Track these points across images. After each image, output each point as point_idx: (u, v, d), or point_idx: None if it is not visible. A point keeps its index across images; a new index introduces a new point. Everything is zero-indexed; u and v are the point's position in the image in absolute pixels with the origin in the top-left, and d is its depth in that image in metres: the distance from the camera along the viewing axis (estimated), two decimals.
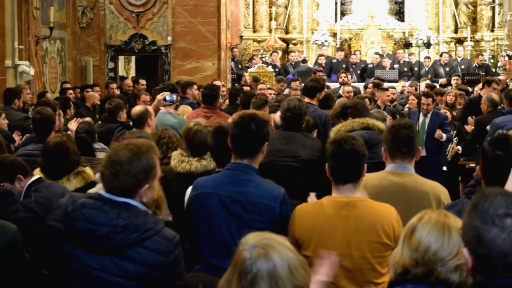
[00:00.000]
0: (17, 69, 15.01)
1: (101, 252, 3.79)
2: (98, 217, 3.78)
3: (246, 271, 2.80)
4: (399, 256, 3.34)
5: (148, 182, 3.92)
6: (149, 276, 3.81)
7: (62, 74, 19.33)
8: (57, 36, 18.77)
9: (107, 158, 3.90)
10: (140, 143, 3.98)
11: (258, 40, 26.57)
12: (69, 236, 3.82)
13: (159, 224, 3.91)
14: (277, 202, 4.95)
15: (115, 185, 3.84)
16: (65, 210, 3.87)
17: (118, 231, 3.75)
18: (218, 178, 5.18)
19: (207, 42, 19.85)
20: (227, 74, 20.81)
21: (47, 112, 7.67)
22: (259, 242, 2.86)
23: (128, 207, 3.84)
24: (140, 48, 20.38)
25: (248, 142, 5.05)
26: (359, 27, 26.91)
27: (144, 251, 3.80)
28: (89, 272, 3.80)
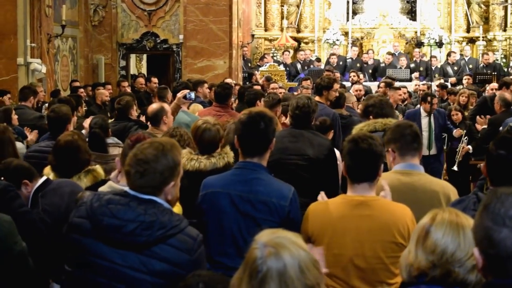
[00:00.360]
0: (29, 67, 15.05)
1: (126, 248, 3.80)
2: (125, 213, 3.80)
3: (257, 270, 2.78)
4: (413, 259, 3.31)
5: (173, 179, 3.96)
6: (173, 274, 3.82)
7: (74, 72, 19.37)
8: (69, 34, 18.81)
9: (132, 156, 3.90)
10: (164, 141, 4.01)
11: (270, 39, 26.58)
12: (95, 232, 3.83)
13: (183, 222, 3.93)
14: (286, 201, 4.95)
15: (142, 183, 3.86)
16: (90, 206, 3.89)
17: (144, 227, 3.76)
18: (227, 177, 5.19)
19: (218, 40, 19.86)
20: (238, 72, 20.81)
21: (61, 110, 7.68)
22: (271, 241, 2.84)
23: (154, 204, 3.86)
24: (151, 46, 20.40)
25: (257, 141, 5.06)
26: (371, 26, 26.88)
27: (169, 248, 3.82)
28: (114, 268, 3.81)
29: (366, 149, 4.66)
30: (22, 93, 11.34)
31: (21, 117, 9.61)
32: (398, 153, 5.44)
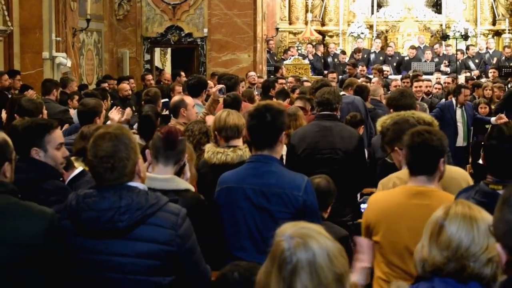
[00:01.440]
0: (54, 61, 15.13)
1: (110, 236, 3.84)
2: (100, 203, 3.83)
3: (286, 262, 2.76)
4: (427, 254, 3.29)
5: (138, 157, 3.98)
6: (162, 252, 3.85)
7: (99, 66, 19.44)
8: (94, 28, 18.87)
9: (93, 157, 3.89)
10: (112, 129, 4.01)
11: (294, 32, 26.51)
12: (77, 229, 3.88)
13: (162, 200, 3.95)
14: (300, 191, 4.95)
15: (116, 176, 3.89)
16: (70, 206, 3.93)
17: (122, 212, 3.79)
18: (241, 172, 5.21)
19: (243, 34, 19.85)
20: (263, 66, 20.79)
21: (90, 103, 7.72)
22: (296, 232, 2.82)
23: (128, 189, 3.88)
24: (176, 40, 20.43)
25: (265, 134, 5.06)
26: (396, 19, 26.74)
27: (151, 228, 3.85)
28: (103, 259, 3.85)
29: (422, 143, 4.66)
30: (44, 86, 11.37)
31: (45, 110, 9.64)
32: None
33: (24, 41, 15.05)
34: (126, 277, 3.84)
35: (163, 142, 4.65)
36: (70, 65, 15.71)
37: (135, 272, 3.84)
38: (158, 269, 3.87)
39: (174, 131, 4.75)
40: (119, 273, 3.83)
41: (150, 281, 3.86)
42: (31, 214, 4.01)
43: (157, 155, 4.72)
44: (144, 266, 3.84)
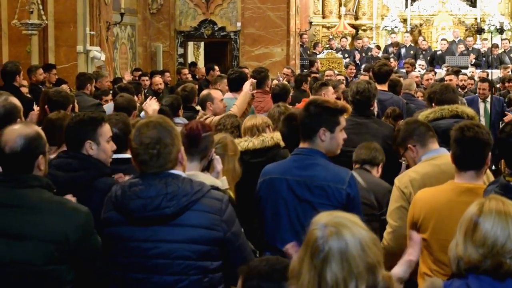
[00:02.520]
0: (88, 54, 15.20)
1: (157, 223, 3.89)
2: (147, 191, 3.88)
3: (318, 250, 2.78)
4: (462, 252, 3.26)
5: (181, 144, 4.04)
6: (208, 237, 3.92)
7: (132, 60, 19.52)
8: (128, 22, 18.95)
9: (139, 145, 3.93)
10: (154, 118, 4.07)
11: (327, 26, 26.43)
12: (125, 219, 3.93)
13: (205, 186, 4.02)
14: (344, 184, 4.92)
15: (162, 162, 3.93)
16: (115, 196, 3.98)
17: (169, 199, 3.85)
18: (285, 163, 5.20)
19: (276, 28, 19.84)
20: (296, 60, 20.76)
21: (125, 97, 7.76)
22: (330, 221, 2.84)
23: (173, 176, 3.94)
24: (209, 34, 20.46)
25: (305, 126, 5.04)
26: (430, 13, 26.56)
27: (197, 214, 3.91)
28: (153, 246, 3.90)
29: (472, 137, 4.65)
30: (78, 80, 11.38)
31: (78, 104, 9.66)
32: (419, 145, 5.54)
33: (59, 35, 15.13)
34: (174, 262, 3.89)
35: (186, 139, 4.65)
36: (104, 59, 15.77)
37: (183, 257, 3.90)
38: (205, 254, 3.93)
39: (197, 128, 4.73)
40: (168, 259, 3.89)
41: (198, 266, 3.92)
42: (64, 210, 4.02)
43: None
44: (191, 251, 3.90)
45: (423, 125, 5.63)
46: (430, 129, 5.65)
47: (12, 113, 5.52)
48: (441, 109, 7.34)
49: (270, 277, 3.40)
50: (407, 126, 5.63)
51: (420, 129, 5.56)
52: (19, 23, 13.54)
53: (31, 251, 3.89)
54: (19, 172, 4.03)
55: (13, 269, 3.84)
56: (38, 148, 4.08)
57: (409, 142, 5.56)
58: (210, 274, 3.97)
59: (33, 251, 3.89)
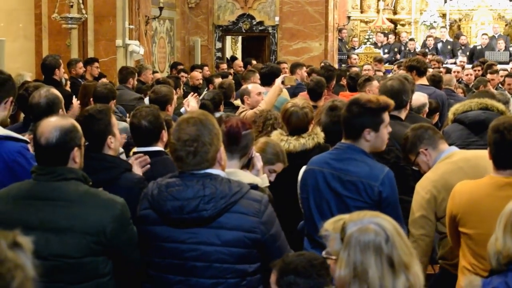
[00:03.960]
0: (127, 48, 15.24)
1: (194, 225, 3.84)
2: (184, 192, 3.83)
3: (351, 245, 2.81)
4: (501, 246, 3.23)
5: (220, 144, 3.97)
6: (246, 240, 3.85)
7: (171, 54, 19.57)
8: (166, 16, 19.00)
9: (177, 140, 3.88)
10: (196, 114, 4.00)
11: (366, 21, 26.33)
12: (161, 219, 3.88)
13: (244, 187, 3.94)
14: (377, 181, 4.87)
15: (198, 161, 3.87)
16: (151, 195, 3.93)
17: (206, 201, 3.79)
18: (325, 156, 5.18)
19: (314, 22, 19.79)
20: (334, 54, 20.69)
21: (161, 91, 7.76)
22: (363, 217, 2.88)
23: (211, 177, 3.87)
24: (247, 28, 20.46)
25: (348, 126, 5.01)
26: (470, 8, 26.34)
27: (235, 216, 3.84)
28: (189, 248, 3.85)
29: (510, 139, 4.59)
30: (121, 74, 11.46)
31: (120, 98, 9.69)
32: (431, 148, 5.49)
33: (98, 29, 15.20)
34: (212, 266, 3.84)
35: (226, 137, 4.61)
36: (143, 53, 15.83)
37: (221, 260, 3.84)
38: (244, 256, 3.87)
39: (237, 126, 4.67)
40: (205, 262, 3.84)
41: (236, 269, 3.87)
42: (100, 202, 4.01)
43: None
44: (230, 254, 3.84)
45: (430, 129, 5.61)
46: (437, 131, 5.66)
47: (54, 104, 5.55)
48: (470, 101, 7.30)
49: (308, 274, 3.39)
50: (414, 132, 5.58)
51: (428, 133, 5.53)
52: (59, 17, 13.63)
53: (68, 243, 3.89)
54: (54, 165, 4.03)
55: (51, 262, 3.83)
56: (74, 140, 4.07)
57: (420, 147, 5.51)
58: (248, 277, 3.92)
59: (70, 244, 3.89)
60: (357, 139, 4.97)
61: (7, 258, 1.27)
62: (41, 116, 4.49)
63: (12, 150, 4.94)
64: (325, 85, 9.68)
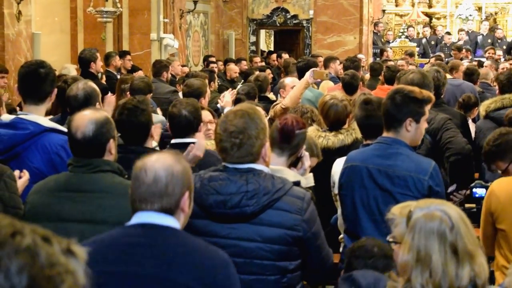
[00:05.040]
0: (161, 42, 15.30)
1: (236, 221, 3.82)
2: (227, 187, 3.81)
3: (415, 230, 2.81)
4: None
5: (266, 140, 3.93)
6: (287, 237, 3.83)
7: (205, 48, 19.60)
8: (201, 9, 19.03)
9: (223, 131, 3.84)
10: (245, 107, 3.97)
11: (400, 14, 26.15)
12: (203, 212, 3.85)
13: (287, 184, 3.90)
14: (426, 175, 4.81)
15: (243, 153, 3.83)
16: (194, 188, 3.90)
17: (249, 197, 3.77)
18: (368, 151, 5.11)
19: (349, 16, 19.72)
20: (369, 48, 20.60)
21: (194, 84, 7.76)
22: (430, 204, 2.87)
23: (254, 172, 3.84)
24: (281, 22, 20.43)
25: (390, 115, 4.95)
26: (506, 1, 26.05)
27: (278, 213, 3.81)
28: (229, 243, 3.82)
29: None
30: (154, 68, 11.55)
31: (155, 91, 9.72)
32: None
33: (133, 22, 15.27)
34: (252, 262, 3.83)
35: (279, 133, 4.58)
36: (177, 47, 15.86)
37: (261, 257, 3.82)
38: (284, 254, 3.85)
39: (291, 124, 4.65)
40: (246, 258, 3.82)
41: (276, 266, 3.85)
42: None
43: (272, 145, 4.65)
44: (270, 251, 3.82)
45: None
46: None
47: (91, 97, 5.57)
48: (502, 98, 7.20)
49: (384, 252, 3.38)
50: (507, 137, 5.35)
51: None
52: (94, 11, 13.68)
53: None
54: (91, 157, 4.04)
55: None
56: (109, 132, 4.09)
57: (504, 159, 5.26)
58: (289, 274, 3.90)
59: None
60: (399, 130, 4.90)
61: (58, 262, 1.28)
62: (78, 109, 4.51)
63: (56, 142, 4.97)
64: (359, 78, 9.64)
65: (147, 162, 3.11)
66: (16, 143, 4.96)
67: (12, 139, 4.97)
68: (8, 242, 1.25)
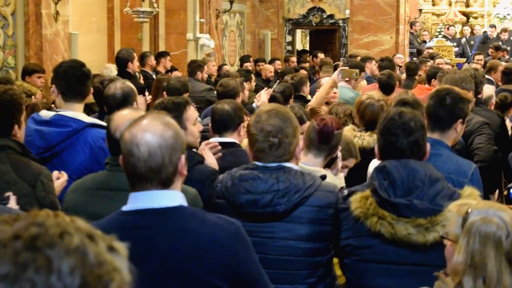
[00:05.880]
0: (198, 42, 15.34)
1: (268, 219, 3.83)
2: (258, 186, 3.81)
3: (471, 233, 2.77)
4: None
5: (299, 138, 3.94)
6: (319, 233, 3.86)
7: (241, 48, 19.62)
8: (237, 9, 19.06)
9: (259, 132, 3.84)
10: (276, 107, 3.98)
11: (437, 14, 25.98)
12: (235, 211, 3.84)
13: (317, 180, 3.92)
14: (466, 177, 4.75)
15: (281, 152, 3.84)
16: (225, 187, 3.92)
17: (281, 195, 3.78)
18: None
19: (385, 15, 19.63)
20: (405, 48, 20.47)
21: (229, 84, 7.75)
22: (486, 206, 2.84)
23: (284, 170, 3.84)
24: (317, 21, 20.40)
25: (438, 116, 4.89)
26: None
27: (310, 209, 3.84)
28: (262, 241, 3.83)
29: None
30: (189, 67, 11.62)
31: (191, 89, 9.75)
32: None
33: (169, 22, 15.33)
34: (285, 259, 3.84)
35: (317, 134, 4.57)
36: (213, 46, 15.90)
37: (294, 254, 3.86)
38: (316, 250, 3.88)
39: (330, 125, 4.64)
40: (279, 255, 3.84)
41: (309, 262, 3.88)
42: None
43: (309, 145, 4.64)
44: (304, 248, 3.84)
45: None
46: None
47: (129, 97, 5.60)
48: None
49: None
50: None
51: None
52: (131, 11, 13.75)
53: None
54: None
55: None
56: None
57: None
58: (321, 268, 3.93)
59: None
60: (446, 131, 4.86)
61: (106, 260, 1.29)
62: (116, 108, 4.53)
63: (99, 136, 5.02)
64: (396, 78, 9.59)
65: (137, 134, 2.90)
66: (60, 141, 5.02)
67: (56, 137, 5.03)
68: (58, 242, 1.25)
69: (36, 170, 4.32)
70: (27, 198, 4.15)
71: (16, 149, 4.33)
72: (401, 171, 3.73)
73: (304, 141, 4.66)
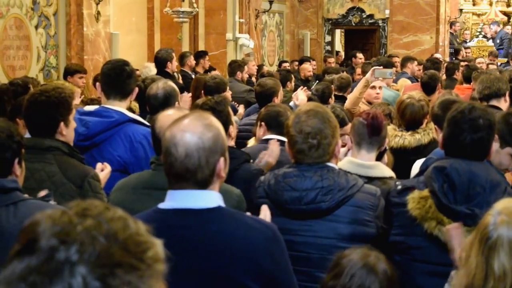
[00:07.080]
0: (237, 42, 15.37)
1: (311, 217, 3.83)
2: (302, 183, 3.81)
3: (487, 236, 2.70)
4: None
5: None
6: (361, 234, 3.84)
7: (280, 48, 19.63)
8: (276, 9, 19.07)
9: (298, 133, 3.83)
10: (313, 107, 3.96)
11: (478, 14, 25.78)
12: (278, 209, 3.84)
13: (359, 181, 3.91)
14: None
15: (320, 153, 3.83)
16: (268, 185, 3.92)
17: (324, 193, 3.77)
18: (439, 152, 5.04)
19: (425, 15, 19.52)
20: (445, 48, 20.34)
21: (267, 84, 7.75)
22: (506, 209, 2.75)
23: (327, 169, 3.84)
24: (357, 21, 20.35)
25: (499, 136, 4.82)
26: None
27: (352, 209, 3.83)
28: (304, 240, 3.85)
29: None
30: (230, 67, 11.67)
31: (231, 90, 9.76)
32: None
33: (209, 22, 15.38)
34: (328, 258, 3.82)
35: (368, 128, 4.54)
36: (253, 46, 15.92)
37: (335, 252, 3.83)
38: None
39: (379, 117, 4.62)
40: (321, 254, 3.82)
41: None
42: None
43: (360, 141, 4.60)
44: (344, 248, 3.81)
45: None
46: None
47: (171, 97, 5.63)
48: None
49: None
50: None
51: None
52: (171, 11, 13.80)
53: None
54: None
55: None
56: None
57: None
58: None
59: None
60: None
61: (144, 233, 1.47)
62: (158, 108, 4.56)
63: (140, 131, 5.06)
64: (439, 78, 9.51)
65: (176, 134, 2.91)
66: (102, 130, 5.05)
67: (98, 126, 5.06)
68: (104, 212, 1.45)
69: (83, 171, 4.35)
70: (74, 199, 4.18)
71: (63, 150, 4.36)
72: (462, 175, 3.68)
73: (353, 139, 4.63)
